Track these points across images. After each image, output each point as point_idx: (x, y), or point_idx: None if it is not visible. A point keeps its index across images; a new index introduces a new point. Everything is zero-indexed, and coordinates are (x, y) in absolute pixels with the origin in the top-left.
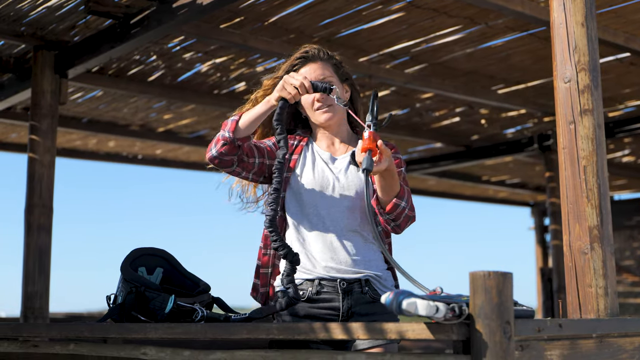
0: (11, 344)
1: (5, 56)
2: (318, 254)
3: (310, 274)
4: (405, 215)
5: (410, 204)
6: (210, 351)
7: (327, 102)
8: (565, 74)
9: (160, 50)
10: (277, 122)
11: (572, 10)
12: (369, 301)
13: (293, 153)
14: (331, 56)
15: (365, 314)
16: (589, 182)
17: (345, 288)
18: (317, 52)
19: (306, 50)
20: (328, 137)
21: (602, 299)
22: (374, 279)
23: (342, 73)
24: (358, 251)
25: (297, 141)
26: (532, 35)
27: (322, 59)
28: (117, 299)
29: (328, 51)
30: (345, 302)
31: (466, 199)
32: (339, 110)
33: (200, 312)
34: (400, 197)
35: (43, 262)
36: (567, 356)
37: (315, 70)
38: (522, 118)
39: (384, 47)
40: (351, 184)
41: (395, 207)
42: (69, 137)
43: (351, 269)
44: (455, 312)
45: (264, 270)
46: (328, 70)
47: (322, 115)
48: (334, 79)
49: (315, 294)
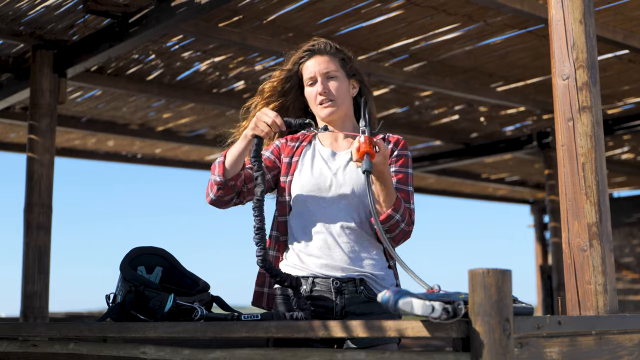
0: (11, 344)
1: (4, 56)
2: (314, 252)
3: (304, 272)
4: (400, 230)
5: (407, 219)
6: (209, 350)
7: (330, 96)
8: (564, 71)
9: (159, 49)
10: (254, 158)
11: (570, 8)
12: (364, 301)
13: (294, 155)
14: (339, 50)
15: (360, 313)
16: (588, 179)
17: (339, 287)
18: (324, 46)
19: (314, 43)
20: (332, 132)
21: (601, 296)
22: (370, 279)
23: (349, 68)
24: (354, 250)
25: (299, 142)
26: (531, 33)
27: (328, 53)
28: (117, 298)
29: (337, 45)
30: (339, 301)
31: (466, 196)
32: (343, 105)
33: (200, 311)
34: (396, 209)
35: (42, 262)
36: (566, 353)
37: (320, 64)
38: (521, 115)
39: (383, 45)
40: (349, 181)
41: (389, 218)
42: (68, 136)
43: (346, 268)
44: (450, 313)
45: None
46: (334, 64)
47: (324, 109)
48: (339, 73)
49: (309, 292)
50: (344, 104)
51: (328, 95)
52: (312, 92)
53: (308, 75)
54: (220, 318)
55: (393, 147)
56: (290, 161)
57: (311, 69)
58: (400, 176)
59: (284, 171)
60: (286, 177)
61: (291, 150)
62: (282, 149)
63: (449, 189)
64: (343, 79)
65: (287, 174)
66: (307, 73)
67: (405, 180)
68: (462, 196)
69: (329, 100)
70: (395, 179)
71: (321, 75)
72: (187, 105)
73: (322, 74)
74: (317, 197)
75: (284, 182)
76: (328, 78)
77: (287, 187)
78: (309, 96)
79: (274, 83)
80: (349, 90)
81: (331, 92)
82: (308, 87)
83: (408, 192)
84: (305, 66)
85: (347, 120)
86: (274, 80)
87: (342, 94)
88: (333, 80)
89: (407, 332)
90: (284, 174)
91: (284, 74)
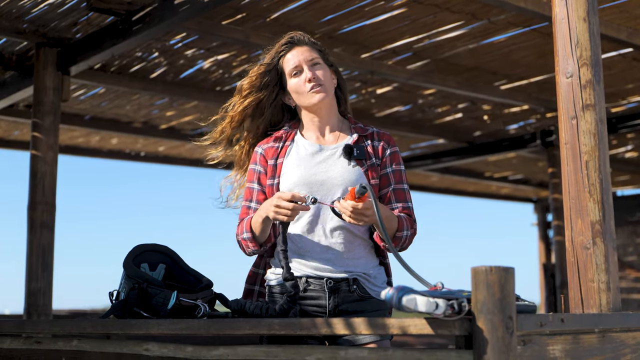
0: (14, 341)
1: (8, 53)
2: (307, 252)
3: (298, 272)
4: (408, 237)
5: (410, 225)
6: (212, 347)
7: (319, 81)
8: (567, 69)
9: (162, 47)
10: (283, 244)
11: (574, 6)
12: (356, 299)
13: (278, 157)
14: (315, 42)
15: (353, 311)
16: (591, 177)
17: (332, 286)
18: (302, 37)
19: (291, 36)
20: (317, 126)
21: (604, 294)
22: (362, 278)
23: (326, 59)
24: (346, 249)
25: (282, 142)
26: (535, 31)
27: (307, 44)
28: (120, 295)
29: (311, 38)
30: (332, 300)
31: (469, 195)
32: (330, 92)
33: (203, 308)
34: (401, 229)
35: (46, 259)
36: (569, 351)
37: (303, 53)
38: (525, 114)
39: (387, 43)
40: (339, 179)
41: (399, 240)
42: (72, 134)
43: (338, 268)
44: (455, 309)
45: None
46: (315, 53)
47: (316, 95)
48: (321, 62)
49: (302, 292)
50: (331, 90)
51: (317, 81)
52: (299, 81)
53: (292, 66)
54: (222, 316)
55: (384, 144)
56: (275, 163)
57: (295, 59)
58: (397, 176)
59: (269, 174)
60: (273, 180)
61: (275, 151)
62: (266, 153)
63: (452, 188)
64: (325, 67)
65: (274, 176)
66: (290, 64)
67: (400, 178)
68: (465, 195)
69: (319, 85)
70: (393, 179)
71: (307, 63)
72: (190, 103)
73: (307, 61)
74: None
75: (271, 186)
76: (313, 65)
77: (274, 189)
78: (296, 86)
79: (252, 79)
80: (332, 79)
81: (319, 77)
82: (293, 78)
83: (405, 190)
84: (287, 59)
85: (332, 112)
86: (253, 76)
87: (329, 81)
88: (318, 67)
89: (410, 330)
90: (270, 177)
91: (262, 69)
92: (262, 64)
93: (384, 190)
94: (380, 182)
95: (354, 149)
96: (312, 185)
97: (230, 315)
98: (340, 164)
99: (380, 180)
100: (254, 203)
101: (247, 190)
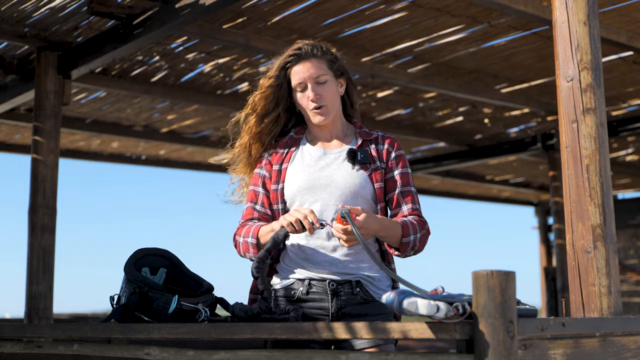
0: (15, 345)
1: (9, 57)
2: (310, 255)
3: (301, 274)
4: (419, 239)
5: (421, 227)
6: (213, 351)
7: (321, 102)
8: (568, 73)
9: (163, 51)
10: (269, 251)
11: (575, 9)
12: (360, 302)
13: (283, 162)
14: (325, 51)
15: (356, 314)
16: (592, 180)
17: (335, 289)
18: (311, 50)
19: (299, 47)
20: (323, 133)
21: (605, 298)
22: (366, 280)
23: (337, 68)
24: (350, 252)
25: (287, 148)
26: (535, 34)
27: (315, 56)
28: (121, 300)
29: (322, 45)
30: (335, 303)
31: (470, 198)
32: (334, 109)
33: (204, 312)
34: (406, 234)
35: (47, 263)
36: (570, 355)
37: (309, 69)
38: (526, 117)
39: (387, 46)
40: (343, 183)
41: (406, 246)
42: (73, 137)
43: (342, 270)
44: (459, 311)
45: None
46: (322, 68)
47: (316, 117)
48: (328, 76)
49: (305, 294)
50: (335, 107)
51: (319, 102)
52: (303, 98)
53: (297, 81)
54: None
55: (389, 147)
56: (280, 168)
57: (300, 75)
58: (403, 179)
59: (274, 179)
60: (277, 185)
61: (280, 157)
62: (272, 158)
63: (453, 191)
64: (332, 81)
65: (278, 181)
66: (296, 79)
67: (407, 181)
68: (466, 198)
69: (321, 107)
70: (399, 182)
71: (311, 81)
72: (191, 106)
73: (312, 79)
74: (311, 200)
75: (275, 190)
76: (318, 84)
77: (278, 194)
78: (301, 101)
79: (265, 93)
80: (338, 92)
81: (322, 98)
82: (298, 93)
83: (412, 192)
84: (294, 71)
85: (338, 121)
86: (265, 91)
87: (333, 98)
88: (323, 85)
89: (411, 334)
90: (274, 182)
91: (272, 82)
92: (271, 77)
93: (390, 193)
94: (387, 186)
95: (358, 153)
96: (315, 189)
97: (230, 319)
98: (345, 168)
99: (386, 184)
100: (259, 205)
101: (251, 192)
